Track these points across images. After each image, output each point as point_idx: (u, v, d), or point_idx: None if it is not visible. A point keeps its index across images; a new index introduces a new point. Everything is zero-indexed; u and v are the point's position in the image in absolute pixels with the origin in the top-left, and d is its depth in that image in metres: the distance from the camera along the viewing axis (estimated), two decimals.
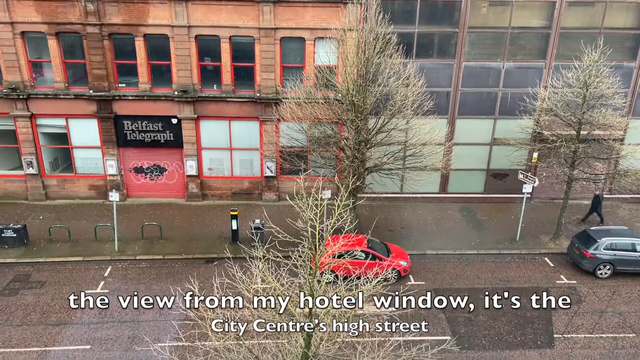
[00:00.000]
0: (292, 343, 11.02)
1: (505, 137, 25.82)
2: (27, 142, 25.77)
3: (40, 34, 24.21)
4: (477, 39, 25.38)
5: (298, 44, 24.90)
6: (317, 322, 10.59)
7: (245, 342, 10.90)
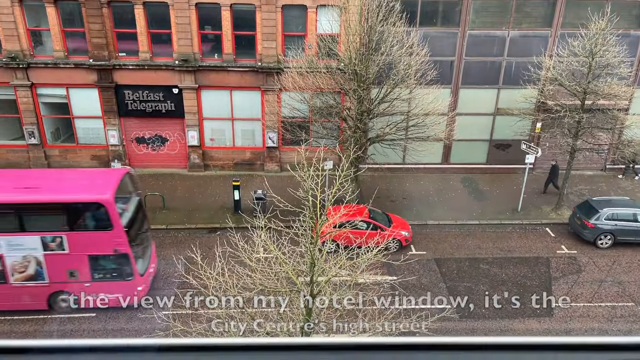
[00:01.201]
0: (294, 311, 11.19)
1: (508, 107, 25.59)
2: (28, 112, 25.68)
3: (38, 2, 23.86)
4: (482, 7, 24.91)
5: (300, 11, 24.49)
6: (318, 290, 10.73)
7: (248, 309, 11.06)
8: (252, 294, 10.88)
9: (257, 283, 10.90)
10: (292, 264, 11.08)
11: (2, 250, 16.13)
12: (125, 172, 18.14)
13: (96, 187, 17.05)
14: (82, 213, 16.69)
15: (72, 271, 16.66)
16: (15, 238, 16.12)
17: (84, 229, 16.54)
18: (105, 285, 16.77)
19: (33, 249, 16.21)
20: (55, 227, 16.40)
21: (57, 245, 16.26)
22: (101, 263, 16.85)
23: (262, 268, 11.09)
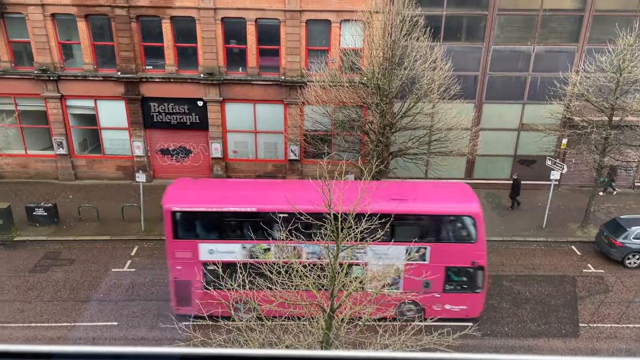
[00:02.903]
0: (314, 324, 11.13)
1: (533, 123, 25.25)
2: (57, 123, 26.31)
3: (69, 16, 24.55)
4: (506, 22, 24.78)
5: (324, 26, 24.70)
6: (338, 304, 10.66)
7: (267, 322, 11.04)
8: (272, 306, 10.87)
9: (277, 295, 10.89)
10: (313, 277, 11.05)
11: (367, 258, 16.53)
12: (468, 186, 18.56)
13: (459, 199, 17.37)
14: (450, 225, 17.07)
15: (427, 282, 16.78)
16: (382, 248, 16.33)
17: (448, 241, 16.89)
18: (454, 296, 17.16)
19: (397, 259, 16.49)
20: (420, 238, 16.68)
21: (420, 256, 16.52)
22: (456, 275, 17.12)
23: (282, 280, 11.09)
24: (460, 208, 16.99)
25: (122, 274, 20.23)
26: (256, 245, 16.28)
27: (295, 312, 11.19)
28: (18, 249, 21.67)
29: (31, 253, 21.41)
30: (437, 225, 17.04)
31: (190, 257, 16.46)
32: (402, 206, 16.52)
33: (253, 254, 16.39)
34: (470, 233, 16.88)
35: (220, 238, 16.29)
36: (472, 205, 16.83)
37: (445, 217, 17.06)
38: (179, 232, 16.48)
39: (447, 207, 17.08)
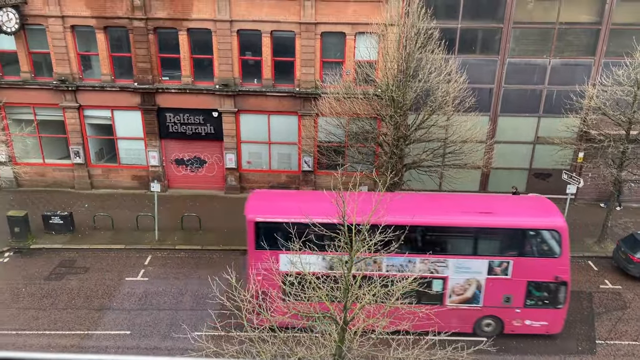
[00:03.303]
0: (326, 337, 11.06)
1: (549, 136, 25.07)
2: (74, 133, 26.68)
3: (89, 28, 24.99)
4: (522, 35, 24.70)
5: (338, 38, 24.84)
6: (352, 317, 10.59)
7: (280, 333, 11.00)
8: (284, 318, 10.82)
9: (290, 307, 10.85)
10: (326, 289, 11.00)
11: (448, 272, 16.64)
12: (548, 200, 18.54)
13: (542, 213, 17.31)
14: (534, 239, 17.02)
15: (507, 296, 16.90)
16: (465, 261, 16.53)
17: (531, 255, 16.81)
18: (534, 312, 17.07)
19: (477, 273, 16.63)
20: (503, 252, 16.76)
21: (502, 270, 16.60)
22: (537, 290, 17.03)
23: (295, 292, 11.05)
24: (546, 222, 16.82)
25: (136, 283, 20.33)
26: (334, 257, 16.25)
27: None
28: (34, 257, 21.90)
29: (47, 261, 21.62)
30: (521, 239, 16.83)
31: (271, 267, 16.50)
32: (488, 220, 16.49)
33: (333, 266, 16.39)
34: (554, 247, 16.69)
35: (301, 249, 16.25)
36: (557, 219, 16.71)
37: (530, 231, 16.87)
38: (261, 243, 16.39)
39: (533, 221, 16.92)
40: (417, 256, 16.68)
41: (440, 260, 16.70)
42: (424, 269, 16.67)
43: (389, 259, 16.47)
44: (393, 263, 16.56)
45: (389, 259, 16.48)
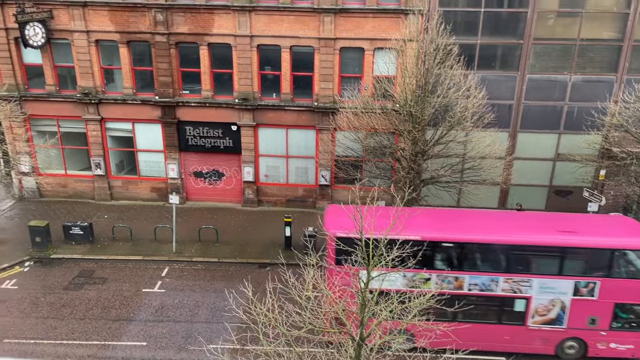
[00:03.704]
0: (342, 353, 10.96)
1: (570, 153, 24.76)
2: (96, 145, 27.12)
3: (112, 43, 25.51)
4: (542, 51, 24.56)
5: (357, 54, 24.98)
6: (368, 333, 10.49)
7: (296, 348, 10.93)
8: (300, 332, 10.76)
9: (306, 322, 10.79)
10: (343, 304, 10.92)
11: (532, 292, 16.55)
12: (633, 220, 18.47)
13: (630, 233, 17.16)
14: (623, 259, 16.79)
15: (593, 318, 16.73)
16: (549, 281, 16.44)
17: (619, 276, 16.54)
18: (620, 335, 16.85)
19: (562, 293, 16.50)
20: (590, 272, 16.58)
21: (588, 291, 16.46)
22: (624, 312, 16.83)
23: (311, 306, 10.99)
24: (636, 242, 16.49)
25: (153, 294, 20.44)
26: (416, 274, 16.31)
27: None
28: (54, 267, 22.18)
29: (66, 271, 21.87)
30: (610, 260, 16.42)
31: (351, 283, 16.45)
32: (573, 239, 16.25)
33: (414, 284, 16.42)
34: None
35: (382, 265, 16.26)
36: None
37: (620, 252, 16.48)
38: (342, 259, 16.08)
39: (622, 241, 16.54)
40: (502, 275, 16.47)
41: (524, 280, 16.41)
42: (507, 288, 16.48)
43: (472, 277, 16.41)
44: (476, 282, 16.42)
45: (472, 277, 16.42)
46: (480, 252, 16.84)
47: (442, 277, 16.52)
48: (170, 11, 24.57)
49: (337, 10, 24.00)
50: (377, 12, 24.02)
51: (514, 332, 16.98)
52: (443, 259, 16.71)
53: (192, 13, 24.62)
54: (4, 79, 25.63)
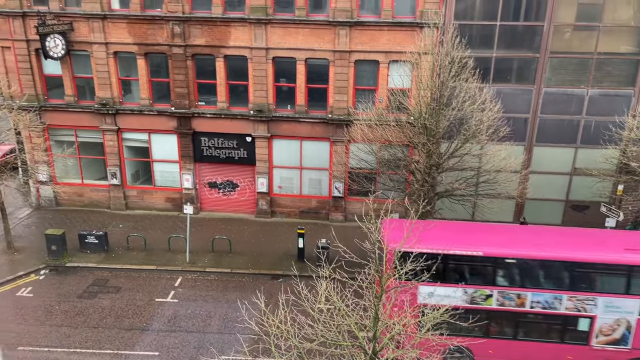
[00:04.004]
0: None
1: (587, 167, 24.47)
2: (112, 155, 27.44)
3: (130, 54, 25.90)
4: (559, 64, 24.41)
5: (372, 66, 25.05)
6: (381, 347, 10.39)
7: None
8: (313, 345, 10.69)
9: (319, 334, 10.72)
10: (355, 317, 10.85)
11: (597, 311, 16.43)
12: None
13: None
14: None
15: None
16: (615, 300, 16.30)
17: None
18: None
19: (628, 313, 16.37)
20: None
21: None
22: None
23: (324, 319, 10.92)
24: None
25: (165, 304, 20.49)
26: (477, 290, 16.28)
27: None
28: (69, 275, 22.37)
29: (81, 279, 22.05)
30: None
31: (409, 299, 16.31)
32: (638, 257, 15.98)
33: (473, 300, 16.36)
34: None
35: (442, 281, 16.13)
36: None
37: None
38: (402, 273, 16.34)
39: None
40: (566, 293, 16.24)
41: (589, 298, 16.18)
42: (570, 307, 16.26)
43: (534, 295, 16.22)
44: (539, 299, 16.24)
45: (535, 295, 16.23)
46: (545, 269, 16.63)
47: (503, 294, 16.33)
48: (188, 24, 24.91)
49: (353, 23, 24.14)
50: (393, 25, 24.11)
51: (576, 352, 16.68)
52: (505, 275, 16.53)
53: (209, 25, 24.94)
54: (24, 90, 26.11)
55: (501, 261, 16.43)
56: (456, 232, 18.16)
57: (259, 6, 24.27)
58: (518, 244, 16.94)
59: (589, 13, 23.84)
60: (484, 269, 16.51)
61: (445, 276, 16.29)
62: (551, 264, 16.51)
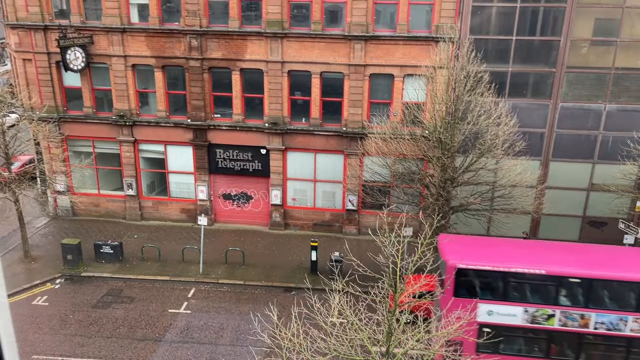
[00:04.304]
0: None
1: (604, 183, 24.15)
2: (129, 166, 27.75)
3: (148, 67, 26.30)
4: (576, 79, 24.25)
5: (387, 80, 25.12)
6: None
7: None
8: (325, 358, 10.62)
9: (331, 348, 10.66)
10: (368, 331, 10.77)
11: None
12: None
13: None
14: None
15: None
16: None
17: None
18: None
19: None
20: None
21: None
22: None
23: (337, 333, 10.86)
24: None
25: (178, 315, 20.54)
26: (539, 310, 16.08)
27: None
28: (84, 284, 22.56)
29: (95, 289, 22.22)
30: None
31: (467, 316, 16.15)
32: None
33: (534, 320, 16.12)
34: None
35: (502, 299, 16.10)
36: None
37: None
38: (460, 290, 16.04)
39: None
40: (631, 314, 15.87)
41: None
42: (636, 328, 15.91)
43: (598, 315, 15.93)
44: (603, 320, 15.93)
45: (599, 316, 15.93)
46: (610, 290, 16.32)
47: (566, 314, 16.04)
48: (205, 37, 25.25)
49: (368, 38, 24.27)
50: (408, 40, 24.19)
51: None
52: (568, 294, 16.25)
53: (226, 39, 25.26)
54: (44, 101, 26.59)
55: (565, 280, 16.07)
56: (514, 249, 17.93)
57: (276, 20, 24.54)
58: (582, 263, 16.58)
59: (606, 28, 23.72)
60: (546, 287, 16.16)
61: (506, 294, 16.04)
62: (617, 284, 16.18)
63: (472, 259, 16.45)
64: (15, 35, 26.28)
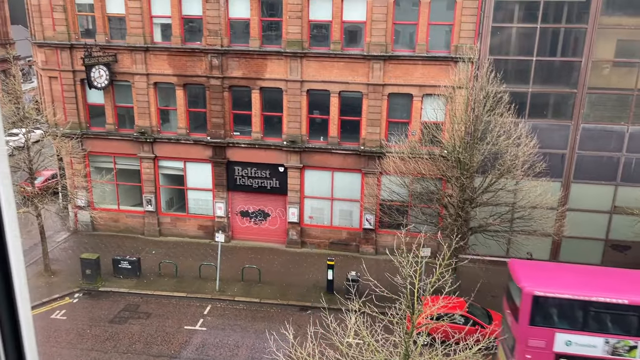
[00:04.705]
0: None
1: (628, 206, 23.65)
2: (148, 182, 28.09)
3: (169, 85, 26.76)
4: (597, 100, 23.99)
5: (405, 100, 25.15)
6: None
7: None
8: None
9: None
10: (385, 353, 10.62)
11: None
12: None
13: None
14: None
15: None
16: None
17: None
18: None
19: None
20: None
21: None
22: None
23: (353, 354, 10.73)
24: None
25: (194, 332, 20.51)
26: (621, 341, 15.61)
27: None
28: (101, 299, 22.71)
29: (112, 304, 22.34)
30: None
31: (544, 346, 15.64)
32: None
33: (615, 351, 15.63)
34: None
35: (581, 329, 15.66)
36: None
37: None
38: (536, 319, 15.70)
39: None
40: None
41: None
42: None
43: None
44: None
45: None
46: None
47: None
48: (226, 56, 25.65)
49: (387, 57, 24.39)
50: (427, 60, 24.24)
51: None
52: None
53: (246, 58, 25.62)
54: (68, 118, 27.15)
55: None
56: (591, 277, 17.46)
57: (295, 40, 24.83)
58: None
59: (629, 49, 23.51)
60: (628, 318, 15.61)
61: (585, 323, 15.60)
62: None
63: (551, 287, 15.97)
64: (42, 53, 27.01)
